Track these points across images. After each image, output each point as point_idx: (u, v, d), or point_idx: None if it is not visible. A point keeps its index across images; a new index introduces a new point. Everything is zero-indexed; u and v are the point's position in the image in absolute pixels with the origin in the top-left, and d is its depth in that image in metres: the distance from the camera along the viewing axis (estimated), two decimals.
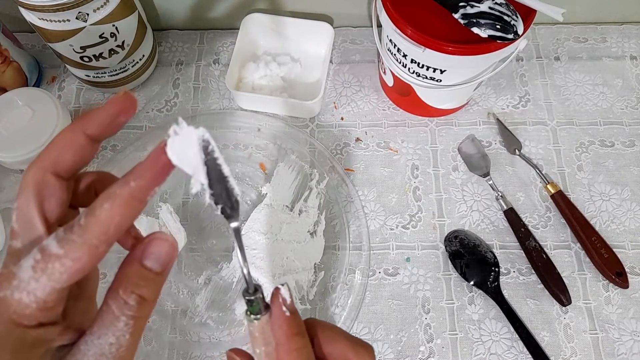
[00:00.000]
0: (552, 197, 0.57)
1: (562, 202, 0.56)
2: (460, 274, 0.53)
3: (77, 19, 0.51)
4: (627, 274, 0.53)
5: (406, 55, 0.51)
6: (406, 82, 0.55)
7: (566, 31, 0.68)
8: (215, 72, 0.66)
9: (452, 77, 0.52)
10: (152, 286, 0.23)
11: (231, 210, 0.25)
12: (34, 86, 0.63)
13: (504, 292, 0.53)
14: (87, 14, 0.51)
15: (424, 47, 0.48)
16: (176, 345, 0.51)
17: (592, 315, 0.52)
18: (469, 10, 0.45)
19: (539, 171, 0.58)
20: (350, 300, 0.53)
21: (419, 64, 0.51)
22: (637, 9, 0.67)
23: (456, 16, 0.46)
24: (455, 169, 0.59)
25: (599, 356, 0.50)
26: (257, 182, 0.59)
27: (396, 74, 0.56)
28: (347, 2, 0.64)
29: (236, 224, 0.26)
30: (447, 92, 0.56)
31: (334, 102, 0.63)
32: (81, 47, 0.54)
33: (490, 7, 0.45)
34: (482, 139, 0.61)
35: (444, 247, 0.55)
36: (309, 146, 0.60)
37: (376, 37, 0.56)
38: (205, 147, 0.25)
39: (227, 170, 0.25)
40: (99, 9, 0.51)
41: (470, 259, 0.54)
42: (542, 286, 0.53)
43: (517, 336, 0.50)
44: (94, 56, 0.56)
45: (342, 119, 0.62)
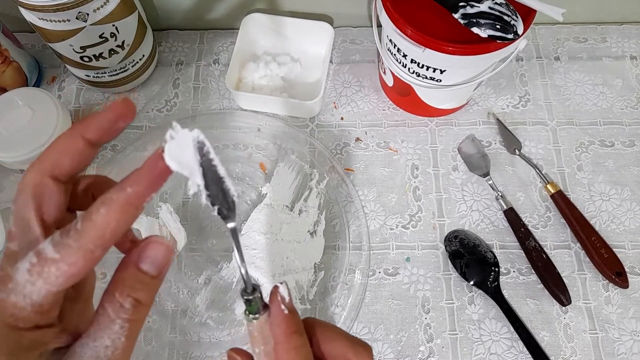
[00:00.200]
0: (552, 197, 0.57)
1: (562, 202, 0.56)
2: (460, 273, 0.53)
3: (77, 19, 0.51)
4: (627, 274, 0.53)
5: (406, 55, 0.51)
6: (406, 82, 0.55)
7: (566, 31, 0.68)
8: (215, 72, 0.66)
9: (452, 77, 0.52)
10: (148, 290, 0.23)
11: (228, 210, 0.26)
12: (34, 86, 0.63)
13: (504, 292, 0.53)
14: (87, 14, 0.51)
15: (424, 47, 0.48)
16: (176, 345, 0.51)
17: (592, 315, 0.52)
18: (469, 10, 0.45)
19: (539, 171, 0.58)
20: (350, 300, 0.53)
21: (419, 64, 0.51)
22: (637, 9, 0.67)
23: (456, 16, 0.46)
24: (455, 169, 0.59)
25: (598, 356, 0.50)
26: (257, 182, 0.59)
27: (396, 74, 0.56)
28: (347, 2, 0.64)
29: (233, 224, 0.26)
30: (447, 92, 0.56)
31: (334, 102, 0.63)
32: (81, 47, 0.54)
33: (490, 7, 0.45)
34: (482, 139, 0.61)
35: (444, 247, 0.55)
36: (309, 146, 0.60)
37: (376, 37, 0.56)
38: (200, 149, 0.25)
39: (222, 171, 0.25)
40: (99, 9, 0.51)
41: (470, 259, 0.54)
42: (542, 286, 0.53)
43: (517, 336, 0.50)
44: (94, 56, 0.56)
45: (342, 119, 0.62)
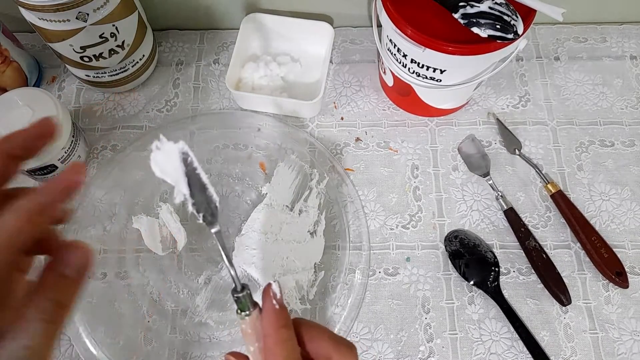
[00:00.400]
0: (552, 196, 0.57)
1: (562, 202, 0.56)
2: (460, 273, 0.53)
3: (77, 19, 0.51)
4: (627, 274, 0.53)
5: (406, 55, 0.51)
6: (406, 82, 0.55)
7: (566, 31, 0.68)
8: (215, 72, 0.66)
9: (452, 77, 0.52)
10: (69, 292, 0.24)
11: (211, 217, 0.28)
12: (34, 86, 0.63)
13: (504, 291, 0.53)
14: (87, 14, 0.51)
15: (424, 47, 0.48)
16: (176, 345, 0.51)
17: (592, 315, 0.52)
18: (469, 10, 0.45)
19: (539, 171, 0.58)
20: (350, 300, 0.53)
21: (419, 64, 0.51)
22: (637, 9, 0.67)
23: (456, 16, 0.46)
24: (455, 169, 0.59)
25: (598, 356, 0.50)
26: (257, 182, 0.59)
27: (396, 74, 0.56)
28: (347, 2, 0.64)
29: (217, 229, 0.29)
30: (447, 92, 0.56)
31: (334, 102, 0.63)
32: (81, 47, 0.54)
33: (490, 7, 0.45)
34: (482, 138, 0.61)
35: (444, 246, 0.55)
36: (309, 146, 0.60)
37: (376, 37, 0.57)
38: (184, 159, 0.28)
39: (205, 178, 0.28)
40: (99, 9, 0.51)
41: (470, 259, 0.54)
42: (542, 286, 0.53)
43: (517, 336, 0.50)
44: (94, 56, 0.56)
45: (342, 119, 0.62)
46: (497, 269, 0.53)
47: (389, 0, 0.49)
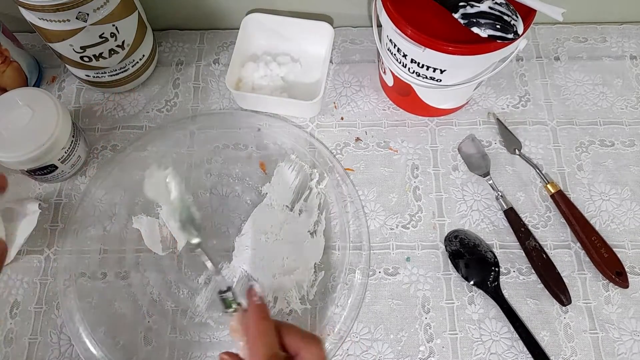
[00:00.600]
0: (552, 196, 0.57)
1: (562, 202, 0.56)
2: (460, 273, 0.53)
3: (77, 19, 0.51)
4: (627, 274, 0.53)
5: (406, 55, 0.51)
6: (406, 82, 0.55)
7: (566, 31, 0.68)
8: (215, 72, 0.66)
9: (452, 77, 0.52)
10: None
11: (196, 230, 0.37)
12: (34, 86, 0.63)
13: (504, 291, 0.53)
14: (87, 14, 0.51)
15: (424, 47, 0.48)
16: (176, 345, 0.51)
17: (592, 315, 0.52)
18: (469, 10, 0.45)
19: (539, 171, 0.58)
20: (350, 300, 0.53)
21: (419, 64, 0.51)
22: (637, 9, 0.67)
23: (456, 16, 0.46)
24: (455, 169, 0.59)
25: (599, 356, 0.50)
26: (257, 182, 0.59)
27: (396, 74, 0.56)
28: (347, 2, 0.64)
29: (198, 240, 0.38)
30: (447, 92, 0.56)
31: (334, 102, 0.63)
32: (81, 47, 0.54)
33: (490, 7, 0.45)
34: (482, 138, 0.61)
35: (444, 246, 0.55)
36: (309, 146, 0.60)
37: (376, 37, 0.57)
38: (171, 181, 0.35)
39: (190, 200, 0.36)
40: (99, 9, 0.51)
41: (470, 259, 0.54)
42: (542, 286, 0.53)
43: (517, 336, 0.50)
44: (94, 56, 0.56)
45: (342, 119, 0.62)
46: (497, 269, 0.53)
47: (389, 0, 0.49)
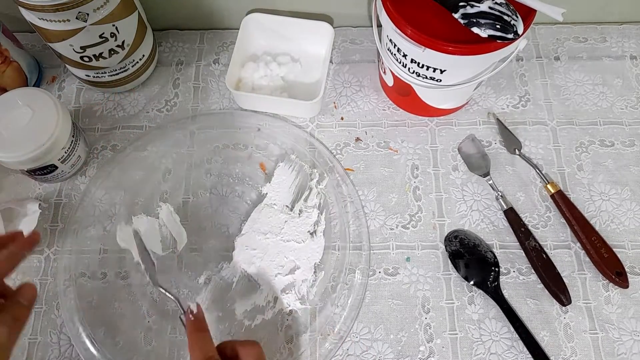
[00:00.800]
0: (552, 196, 0.57)
1: (562, 202, 0.56)
2: (460, 273, 0.53)
3: (77, 19, 0.51)
4: (627, 274, 0.53)
5: (406, 55, 0.51)
6: (406, 82, 0.55)
7: (566, 31, 0.68)
8: (215, 72, 0.66)
9: (452, 77, 0.52)
10: (23, 312, 0.38)
11: (152, 270, 0.50)
12: (34, 86, 0.63)
13: (504, 291, 0.53)
14: (87, 14, 0.51)
15: (424, 47, 0.48)
16: (176, 344, 0.51)
17: (592, 315, 0.52)
18: (469, 10, 0.45)
19: (539, 171, 0.58)
20: (350, 300, 0.53)
21: (419, 64, 0.51)
22: (637, 9, 0.67)
23: (456, 16, 0.46)
24: (455, 169, 0.59)
25: (598, 356, 0.50)
26: (257, 182, 0.59)
27: (396, 74, 0.56)
28: (347, 2, 0.64)
29: (155, 279, 0.49)
30: (447, 92, 0.56)
31: (334, 102, 0.63)
32: (81, 47, 0.54)
33: (490, 7, 0.45)
34: (482, 138, 0.61)
35: (444, 247, 0.55)
36: (309, 146, 0.60)
37: (376, 37, 0.57)
38: (136, 235, 0.50)
39: (148, 247, 0.51)
40: (99, 9, 0.51)
41: (470, 259, 0.54)
42: (542, 286, 0.53)
43: (517, 336, 0.50)
44: (94, 56, 0.56)
45: (342, 119, 0.62)
46: (497, 269, 0.53)
47: (389, 0, 0.49)
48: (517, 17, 0.45)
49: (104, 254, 0.55)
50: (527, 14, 0.47)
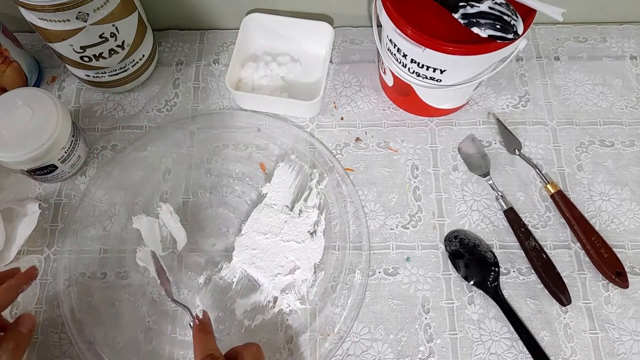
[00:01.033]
0: (552, 197, 0.57)
1: (562, 202, 0.56)
2: (460, 273, 0.53)
3: (77, 19, 0.51)
4: (627, 274, 0.53)
5: (406, 55, 0.51)
6: (406, 82, 0.55)
7: (566, 31, 0.68)
8: (215, 72, 0.66)
9: (452, 77, 0.52)
10: (23, 340, 0.42)
11: (169, 287, 0.50)
12: (34, 86, 0.63)
13: (504, 292, 0.53)
14: (87, 14, 0.51)
15: (424, 47, 0.48)
16: (176, 344, 0.51)
17: (592, 315, 0.52)
18: (469, 10, 0.45)
19: (539, 171, 0.58)
20: (350, 300, 0.53)
21: (419, 64, 0.51)
22: (637, 9, 0.67)
23: (456, 16, 0.46)
24: (455, 169, 0.59)
25: (598, 356, 0.50)
26: (257, 182, 0.59)
27: (396, 74, 0.56)
28: (347, 2, 0.64)
29: (170, 293, 0.50)
30: (447, 92, 0.56)
31: (334, 102, 0.63)
32: (81, 47, 0.54)
33: (490, 7, 0.45)
34: (482, 138, 0.61)
35: (444, 247, 0.55)
36: (309, 146, 0.60)
37: (376, 37, 0.57)
38: (154, 256, 0.52)
39: (164, 265, 0.51)
40: (99, 9, 0.51)
41: (470, 259, 0.54)
42: (542, 286, 0.53)
43: (517, 336, 0.50)
44: (94, 56, 0.56)
45: (342, 119, 0.62)
46: (497, 269, 0.53)
47: (389, 0, 0.49)
48: (517, 17, 0.45)
49: (104, 254, 0.55)
50: (527, 14, 0.47)
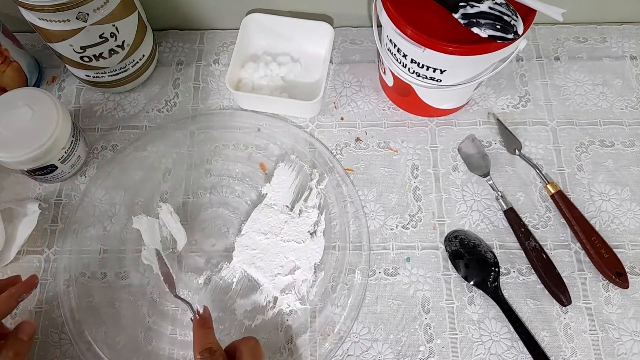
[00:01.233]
0: (552, 197, 0.57)
1: (562, 202, 0.56)
2: (460, 274, 0.53)
3: (77, 19, 0.51)
4: (627, 274, 0.53)
5: (406, 55, 0.51)
6: (406, 82, 0.55)
7: (566, 31, 0.68)
8: (215, 72, 0.66)
9: (452, 77, 0.52)
10: (22, 347, 0.43)
11: (172, 284, 0.51)
12: (34, 86, 0.63)
13: (504, 292, 0.53)
14: (87, 14, 0.51)
15: (424, 47, 0.48)
16: (176, 344, 0.51)
17: (592, 315, 0.52)
18: (469, 10, 0.45)
19: (539, 171, 0.58)
20: (350, 300, 0.53)
21: (419, 64, 0.51)
22: (637, 9, 0.67)
23: (456, 16, 0.46)
24: (455, 169, 0.59)
25: (599, 356, 0.50)
26: (257, 182, 0.59)
27: (396, 74, 0.56)
28: (347, 2, 0.64)
29: (174, 291, 0.51)
30: (447, 92, 0.56)
31: (334, 102, 0.63)
32: (81, 47, 0.54)
33: (490, 7, 0.45)
34: (482, 139, 0.61)
35: (444, 247, 0.55)
36: (309, 146, 0.60)
37: (376, 37, 0.57)
38: (158, 254, 0.53)
39: (168, 263, 0.52)
40: (99, 9, 0.51)
41: (470, 259, 0.54)
42: (542, 286, 0.53)
43: (517, 336, 0.50)
44: (94, 56, 0.56)
45: (342, 119, 0.62)
46: (497, 269, 0.53)
47: (389, 0, 0.49)
48: (517, 17, 0.45)
49: (104, 254, 0.55)
50: (527, 14, 0.47)
